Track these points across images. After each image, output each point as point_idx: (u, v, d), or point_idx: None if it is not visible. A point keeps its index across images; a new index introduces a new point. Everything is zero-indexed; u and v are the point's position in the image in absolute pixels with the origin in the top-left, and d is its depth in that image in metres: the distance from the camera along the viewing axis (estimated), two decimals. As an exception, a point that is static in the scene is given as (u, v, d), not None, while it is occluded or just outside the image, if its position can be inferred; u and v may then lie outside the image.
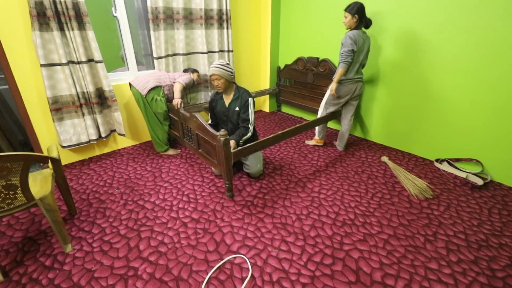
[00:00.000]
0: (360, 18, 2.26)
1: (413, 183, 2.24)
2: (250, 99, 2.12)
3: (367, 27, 2.35)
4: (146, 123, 2.63)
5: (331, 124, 3.50)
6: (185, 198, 2.08)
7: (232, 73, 2.06)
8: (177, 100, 2.47)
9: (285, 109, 4.15)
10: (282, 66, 3.83)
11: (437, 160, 2.62)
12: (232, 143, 1.93)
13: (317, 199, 2.07)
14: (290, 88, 3.81)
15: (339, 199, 2.08)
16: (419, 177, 2.38)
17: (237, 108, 2.13)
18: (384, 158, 2.66)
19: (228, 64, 2.04)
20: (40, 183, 1.60)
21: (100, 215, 1.90)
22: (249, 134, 2.12)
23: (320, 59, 3.27)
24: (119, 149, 2.90)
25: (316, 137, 2.94)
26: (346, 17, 2.31)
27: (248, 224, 1.81)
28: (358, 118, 3.18)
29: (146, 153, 2.83)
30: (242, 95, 2.13)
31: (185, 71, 2.88)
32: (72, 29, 2.19)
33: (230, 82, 2.11)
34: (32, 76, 2.21)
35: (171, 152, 2.79)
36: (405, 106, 2.74)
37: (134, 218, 1.87)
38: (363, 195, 2.14)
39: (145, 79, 2.51)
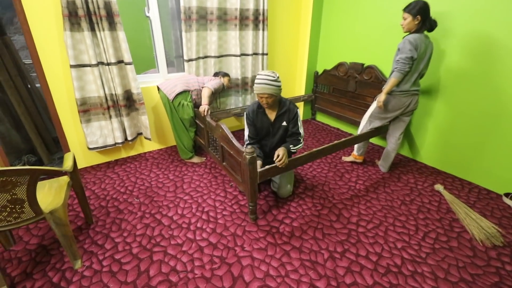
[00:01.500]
0: (423, 19, 1.88)
1: (477, 224, 1.81)
2: (297, 112, 1.87)
3: (431, 30, 1.96)
4: (172, 128, 2.51)
5: (374, 140, 3.10)
6: (204, 216, 1.89)
7: (281, 87, 1.76)
8: (204, 107, 2.30)
9: (320, 118, 3.82)
10: (320, 71, 3.51)
11: (507, 195, 2.13)
12: (281, 150, 1.70)
13: (355, 233, 1.76)
14: (327, 96, 3.48)
15: (382, 236, 1.74)
16: (483, 215, 1.94)
17: (284, 123, 1.87)
18: (438, 187, 2.24)
19: (277, 76, 1.71)
20: (54, 192, 1.51)
21: (116, 227, 1.79)
22: (301, 145, 1.88)
23: (365, 66, 2.90)
24: (145, 153, 2.83)
25: (355, 152, 2.59)
26: (405, 19, 1.94)
27: (271, 257, 1.57)
28: (407, 134, 2.76)
29: (170, 158, 2.72)
30: (290, 108, 1.85)
31: (215, 74, 2.72)
32: (103, 29, 2.12)
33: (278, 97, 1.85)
34: (63, 77, 2.19)
35: (195, 159, 2.64)
36: (469, 125, 2.28)
37: (149, 235, 1.73)
38: (412, 233, 1.77)
39: (173, 83, 2.39)
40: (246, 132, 2.00)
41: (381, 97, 2.10)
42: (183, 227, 1.79)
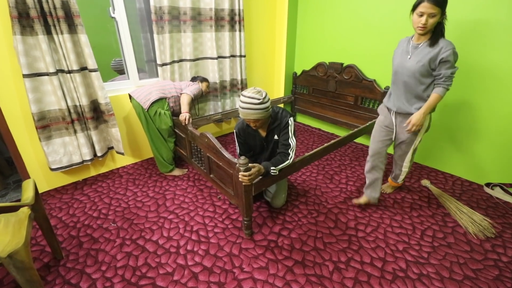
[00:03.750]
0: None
1: (469, 218, 1.85)
2: (290, 120, 1.65)
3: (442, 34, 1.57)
4: (149, 140, 2.28)
5: (360, 139, 3.07)
6: (194, 237, 1.71)
7: (270, 105, 1.56)
8: (184, 115, 2.11)
9: (301, 119, 3.78)
10: (298, 72, 3.46)
11: (487, 185, 2.22)
12: (254, 169, 1.44)
13: (355, 239, 1.70)
14: (307, 97, 3.44)
15: (382, 239, 1.70)
16: (471, 207, 1.99)
17: (276, 137, 1.71)
18: (425, 182, 2.27)
19: (263, 97, 1.49)
20: (12, 229, 1.24)
21: (91, 261, 1.55)
22: (287, 162, 1.63)
23: (344, 65, 2.90)
24: (118, 169, 2.55)
25: (399, 181, 2.09)
26: (433, 15, 1.44)
27: (274, 276, 1.44)
28: (388, 132, 2.79)
29: (148, 173, 2.47)
30: (282, 119, 1.66)
31: (193, 79, 2.54)
32: (62, 33, 1.85)
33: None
34: (14, 88, 1.87)
35: (176, 172, 2.43)
36: (449, 118, 2.35)
37: (133, 265, 1.51)
38: (410, 233, 1.75)
39: (147, 90, 2.17)
40: (238, 150, 1.85)
41: (420, 119, 1.61)
42: (171, 252, 1.60)
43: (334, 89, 3.06)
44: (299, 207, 2.00)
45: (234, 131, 1.81)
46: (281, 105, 3.65)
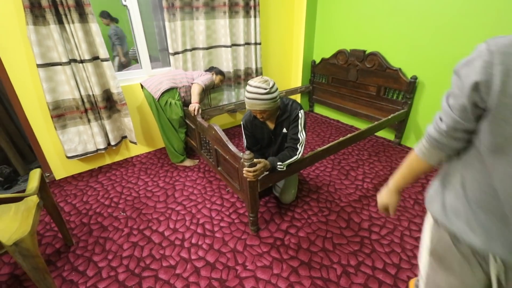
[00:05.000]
0: None
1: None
2: (301, 113, 1.55)
3: None
4: (160, 130, 2.27)
5: (380, 133, 2.86)
6: (199, 230, 1.69)
7: (278, 96, 1.46)
8: (194, 106, 2.07)
9: (319, 110, 3.61)
10: (317, 60, 3.28)
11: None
12: (259, 165, 1.37)
13: (368, 242, 1.58)
14: (326, 86, 3.26)
15: (397, 243, 1.57)
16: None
17: (284, 130, 1.61)
18: (452, 182, 2.07)
19: (270, 86, 1.39)
20: (21, 217, 1.28)
21: (99, 249, 1.58)
22: (295, 158, 1.53)
23: (367, 53, 2.68)
24: (132, 157, 2.59)
25: None
26: None
27: (277, 277, 1.38)
28: (412, 125, 2.58)
29: (160, 162, 2.49)
30: (291, 111, 1.56)
31: (210, 69, 2.47)
32: (73, 22, 1.85)
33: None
34: (30, 78, 1.92)
35: (187, 163, 2.42)
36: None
37: (137, 256, 1.52)
38: (430, 238, 1.60)
39: (158, 80, 2.14)
40: (245, 142, 1.77)
41: None
42: (176, 245, 1.59)
43: (355, 79, 2.85)
44: (310, 204, 1.90)
45: (242, 122, 1.73)
46: (298, 95, 3.52)
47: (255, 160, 1.38)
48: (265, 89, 1.38)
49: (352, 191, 2.03)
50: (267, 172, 1.49)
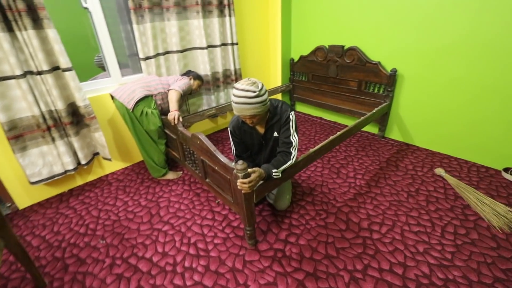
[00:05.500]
0: None
1: (492, 210, 1.69)
2: (291, 114, 1.46)
3: None
4: (137, 144, 2.07)
5: (366, 127, 2.84)
6: (192, 250, 1.55)
7: (267, 98, 1.36)
8: (173, 114, 1.90)
9: (301, 108, 3.57)
10: (296, 58, 3.22)
11: (506, 170, 2.06)
12: (254, 174, 1.26)
13: (371, 242, 1.53)
14: (306, 84, 3.22)
15: (399, 240, 1.53)
16: (490, 196, 1.83)
17: (276, 134, 1.52)
18: (439, 171, 2.10)
19: (259, 89, 1.28)
20: (-24, 264, 1.07)
21: (78, 287, 1.38)
22: (290, 162, 1.46)
23: (346, 48, 2.67)
24: (107, 175, 2.36)
25: None
26: None
27: (284, 293, 1.28)
28: (395, 117, 2.60)
29: (139, 178, 2.29)
30: (282, 113, 1.47)
31: (187, 73, 2.31)
32: (25, 28, 1.61)
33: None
34: (-24, 96, 1.65)
35: (170, 176, 2.24)
36: (462, 100, 2.15)
37: (124, 289, 1.35)
38: (429, 230, 1.59)
39: (130, 88, 1.94)
40: (233, 150, 1.65)
41: None
42: (167, 271, 1.43)
43: (336, 75, 2.83)
44: (306, 207, 1.83)
45: (229, 129, 1.61)
46: (279, 95, 3.44)
47: (249, 170, 1.27)
48: (254, 92, 1.27)
49: (346, 190, 1.99)
50: (262, 181, 1.38)
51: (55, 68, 1.79)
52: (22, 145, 1.79)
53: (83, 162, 2.05)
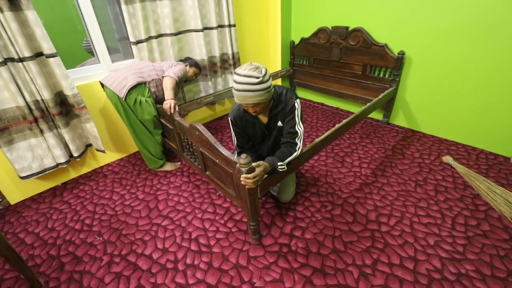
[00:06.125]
0: None
1: (504, 200, 1.63)
2: (297, 102, 1.35)
3: None
4: (131, 134, 1.96)
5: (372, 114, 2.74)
6: (193, 246, 1.48)
7: (271, 84, 1.24)
8: (169, 102, 1.78)
9: (301, 94, 3.44)
10: (296, 41, 3.06)
11: (516, 156, 1.99)
12: (259, 169, 1.17)
13: (379, 235, 1.48)
14: (307, 68, 3.08)
15: (409, 233, 1.48)
16: (500, 184, 1.77)
17: (279, 123, 1.41)
18: (447, 159, 2.03)
19: (263, 74, 1.17)
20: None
21: (75, 287, 1.32)
22: (296, 154, 1.36)
23: (350, 29, 2.51)
24: (101, 167, 2.26)
25: None
26: None
27: (291, 291, 1.23)
28: (400, 102, 2.50)
29: (136, 170, 2.19)
30: (286, 101, 1.35)
31: (185, 60, 2.17)
32: (1, 10, 1.45)
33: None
34: (-47, 86, 1.51)
35: (168, 167, 2.15)
36: (469, 85, 2.05)
37: (124, 289, 1.29)
38: (439, 222, 1.54)
39: (121, 75, 1.81)
40: (234, 141, 1.54)
41: None
42: (168, 268, 1.37)
43: (339, 58, 2.69)
44: (311, 199, 1.76)
45: (229, 118, 1.50)
46: (279, 80, 3.30)
47: (253, 164, 1.17)
48: (257, 77, 1.16)
49: (351, 180, 1.91)
50: (266, 175, 1.30)
51: (38, 55, 1.64)
52: (8, 139, 1.68)
53: (75, 154, 1.94)
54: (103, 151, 2.04)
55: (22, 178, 1.79)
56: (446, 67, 2.12)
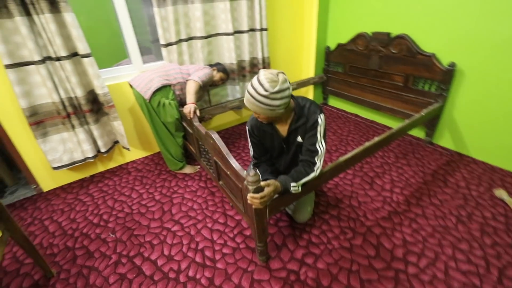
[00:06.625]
0: None
1: None
2: (321, 118, 1.21)
3: None
4: (154, 135, 1.99)
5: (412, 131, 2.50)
6: (198, 258, 1.43)
7: (282, 104, 1.10)
8: (189, 107, 1.77)
9: (334, 103, 3.24)
10: (332, 47, 2.88)
11: None
12: (268, 189, 1.09)
13: (404, 277, 1.28)
14: (342, 76, 2.87)
15: (442, 280, 1.26)
16: None
17: (299, 139, 1.29)
18: (501, 193, 1.72)
19: (276, 89, 1.05)
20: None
21: (82, 283, 1.35)
22: (313, 175, 1.24)
23: (392, 35, 2.27)
24: (127, 163, 2.34)
25: None
26: None
27: (292, 327, 1.11)
28: (447, 121, 2.19)
29: (157, 169, 2.23)
30: (309, 116, 1.22)
31: (215, 65, 2.16)
32: (42, 12, 1.55)
33: (288, 105, 1.18)
34: (1, 82, 1.66)
35: (187, 170, 2.15)
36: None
37: (125, 293, 1.28)
38: (482, 271, 1.28)
39: (148, 77, 1.84)
40: (251, 151, 1.46)
41: None
42: (170, 278, 1.34)
43: (378, 67, 2.46)
44: (329, 222, 1.60)
45: (247, 128, 1.42)
46: (311, 87, 3.15)
47: (262, 183, 1.08)
48: (266, 91, 1.05)
49: (379, 205, 1.71)
50: (277, 195, 1.19)
51: (73, 54, 1.73)
52: (43, 131, 1.80)
53: (102, 150, 2.03)
54: (128, 149, 2.10)
55: (54, 168, 1.92)
56: (505, 84, 1.79)
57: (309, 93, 3.26)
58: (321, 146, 1.24)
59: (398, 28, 2.25)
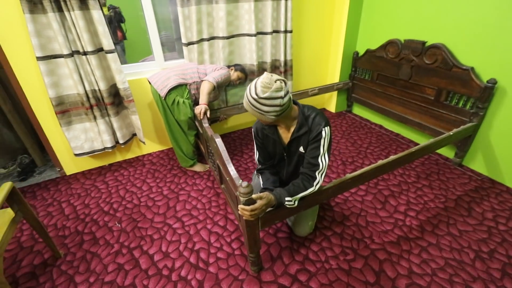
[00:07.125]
0: None
1: None
2: (325, 130, 1.14)
3: None
4: (167, 131, 2.04)
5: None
6: (193, 259, 1.45)
7: (273, 111, 1.08)
8: (200, 108, 1.78)
9: (358, 111, 3.08)
10: (361, 52, 2.73)
11: None
12: (260, 202, 1.05)
13: (403, 311, 1.18)
14: (369, 84, 2.72)
15: (446, 321, 1.14)
16: None
17: (301, 149, 1.25)
18: (536, 231, 1.51)
19: (265, 96, 1.02)
20: (-8, 234, 1.15)
21: (84, 267, 1.43)
22: (311, 190, 1.18)
23: (427, 45, 2.09)
24: (143, 155, 2.44)
25: None
26: None
27: None
28: (481, 142, 1.97)
29: (170, 164, 2.29)
30: (313, 126, 1.17)
31: (235, 66, 2.17)
32: (73, 9, 1.65)
33: (282, 113, 1.11)
34: (34, 71, 1.80)
35: (197, 168, 2.18)
36: None
37: (119, 283, 1.34)
38: (497, 319, 1.14)
39: (165, 75, 1.88)
40: (256, 154, 1.43)
41: None
42: (162, 275, 1.37)
43: (408, 77, 2.28)
44: (331, 240, 1.53)
45: (252, 129, 1.39)
46: (335, 93, 3.03)
47: (253, 196, 1.05)
48: (256, 95, 1.04)
49: (389, 228, 1.59)
50: (271, 208, 1.16)
51: (99, 50, 1.83)
52: (68, 120, 1.93)
53: (121, 141, 2.13)
54: (143, 142, 2.18)
55: (76, 155, 2.05)
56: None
57: (332, 99, 3.14)
58: (323, 161, 1.17)
59: (434, 37, 2.06)
